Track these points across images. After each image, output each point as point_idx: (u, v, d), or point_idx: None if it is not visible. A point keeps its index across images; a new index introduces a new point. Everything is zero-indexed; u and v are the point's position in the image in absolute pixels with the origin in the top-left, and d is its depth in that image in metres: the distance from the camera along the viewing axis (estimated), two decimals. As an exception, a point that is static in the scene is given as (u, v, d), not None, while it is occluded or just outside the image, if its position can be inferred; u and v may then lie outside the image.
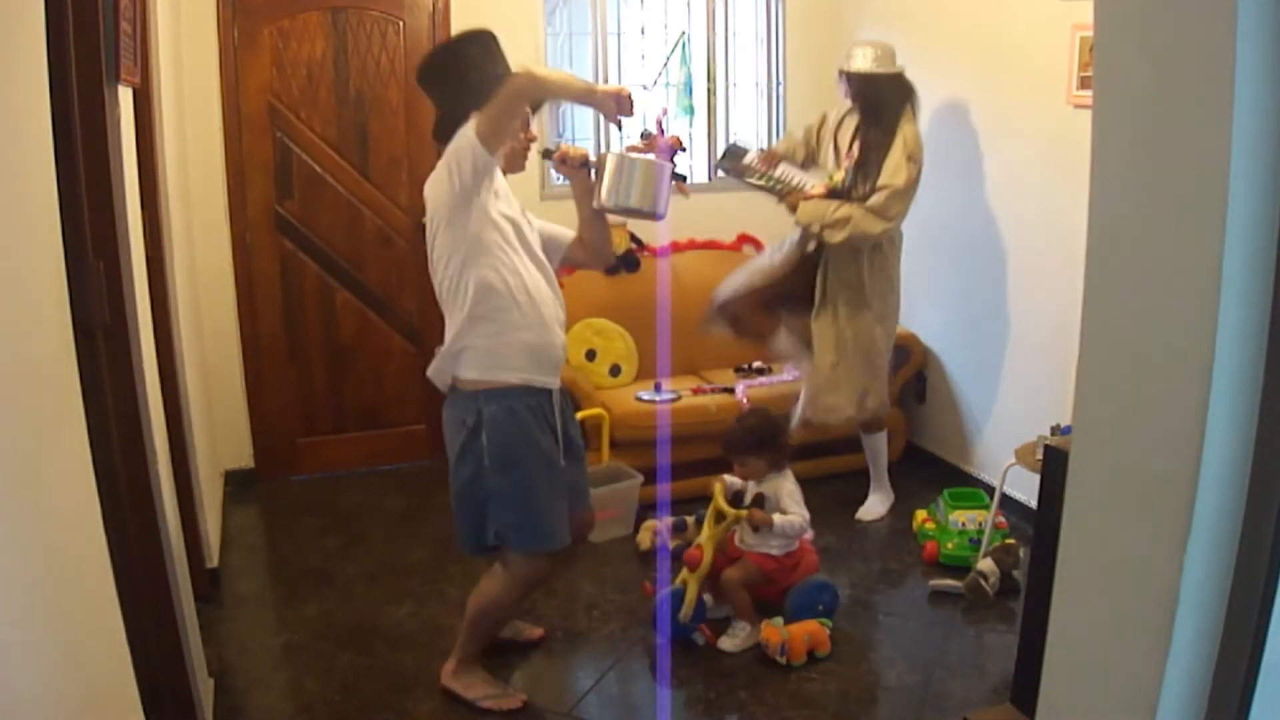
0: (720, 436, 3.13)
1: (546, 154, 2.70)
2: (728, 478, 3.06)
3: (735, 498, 3.01)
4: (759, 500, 2.96)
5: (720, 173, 3.85)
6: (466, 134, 2.37)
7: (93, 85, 1.67)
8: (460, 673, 2.71)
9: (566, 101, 2.63)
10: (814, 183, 3.62)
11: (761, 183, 3.69)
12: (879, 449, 3.88)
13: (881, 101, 3.47)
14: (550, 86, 2.55)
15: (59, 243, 1.57)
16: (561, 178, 2.96)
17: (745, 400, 3.94)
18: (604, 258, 2.81)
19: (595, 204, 2.57)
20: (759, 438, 3.00)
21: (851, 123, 3.61)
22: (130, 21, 2.10)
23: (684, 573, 2.95)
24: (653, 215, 2.56)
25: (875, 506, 3.87)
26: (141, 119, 2.65)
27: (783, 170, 3.68)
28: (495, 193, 2.49)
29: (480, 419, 2.48)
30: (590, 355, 4.09)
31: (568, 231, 2.73)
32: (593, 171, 2.58)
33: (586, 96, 2.53)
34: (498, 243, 2.47)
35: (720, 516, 2.93)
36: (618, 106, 2.48)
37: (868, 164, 3.49)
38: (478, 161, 2.37)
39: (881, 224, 3.43)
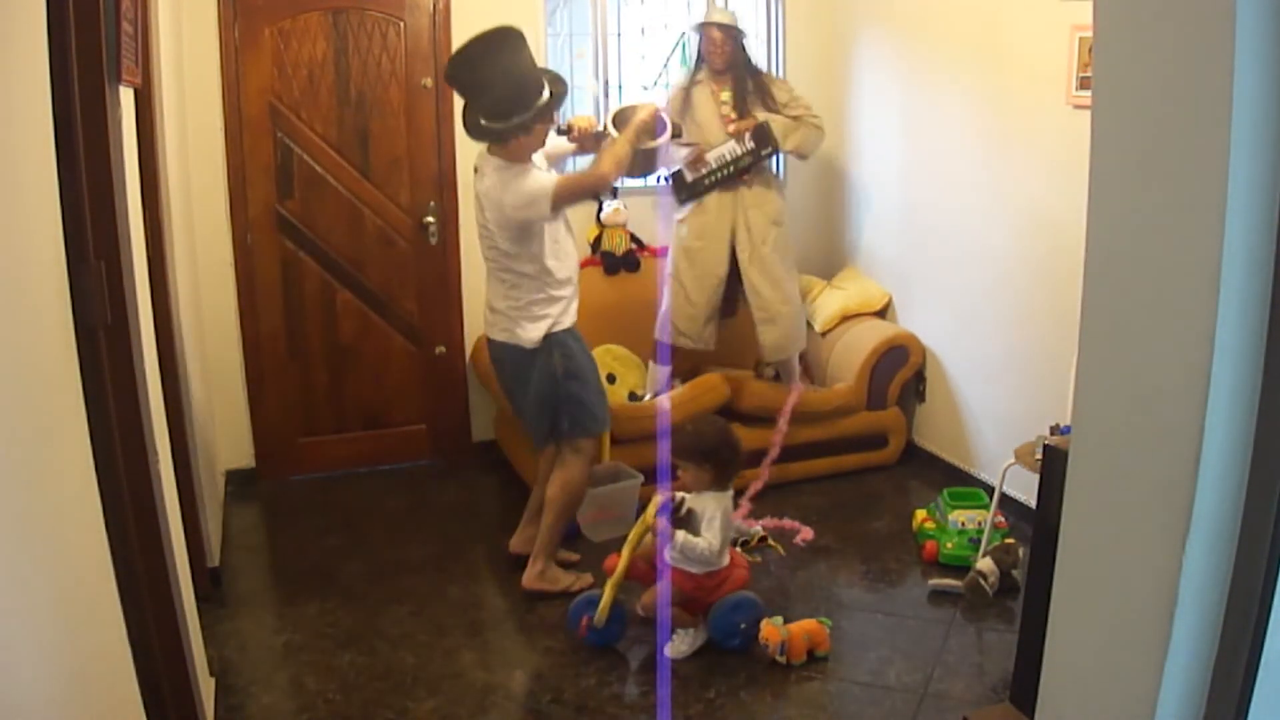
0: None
1: (561, 131, 3.21)
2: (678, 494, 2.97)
3: (675, 510, 2.91)
4: (687, 515, 2.87)
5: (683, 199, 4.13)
6: (545, 195, 2.96)
7: (94, 86, 1.67)
8: (546, 572, 3.25)
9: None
10: (730, 145, 3.98)
11: (716, 178, 3.99)
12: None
13: (744, 52, 4.02)
14: (624, 166, 3.10)
15: (60, 243, 1.57)
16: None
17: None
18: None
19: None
20: (709, 447, 2.89)
21: (705, 88, 4.02)
22: (131, 22, 2.10)
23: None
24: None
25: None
26: (143, 119, 2.65)
27: (716, 155, 3.98)
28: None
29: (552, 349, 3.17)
30: (610, 379, 4.15)
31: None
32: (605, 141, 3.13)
33: (640, 142, 3.14)
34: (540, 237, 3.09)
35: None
36: (659, 125, 3.18)
37: (749, 99, 4.00)
38: (545, 216, 3.01)
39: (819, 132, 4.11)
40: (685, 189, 4.01)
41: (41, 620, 1.35)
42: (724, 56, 3.93)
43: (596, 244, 4.42)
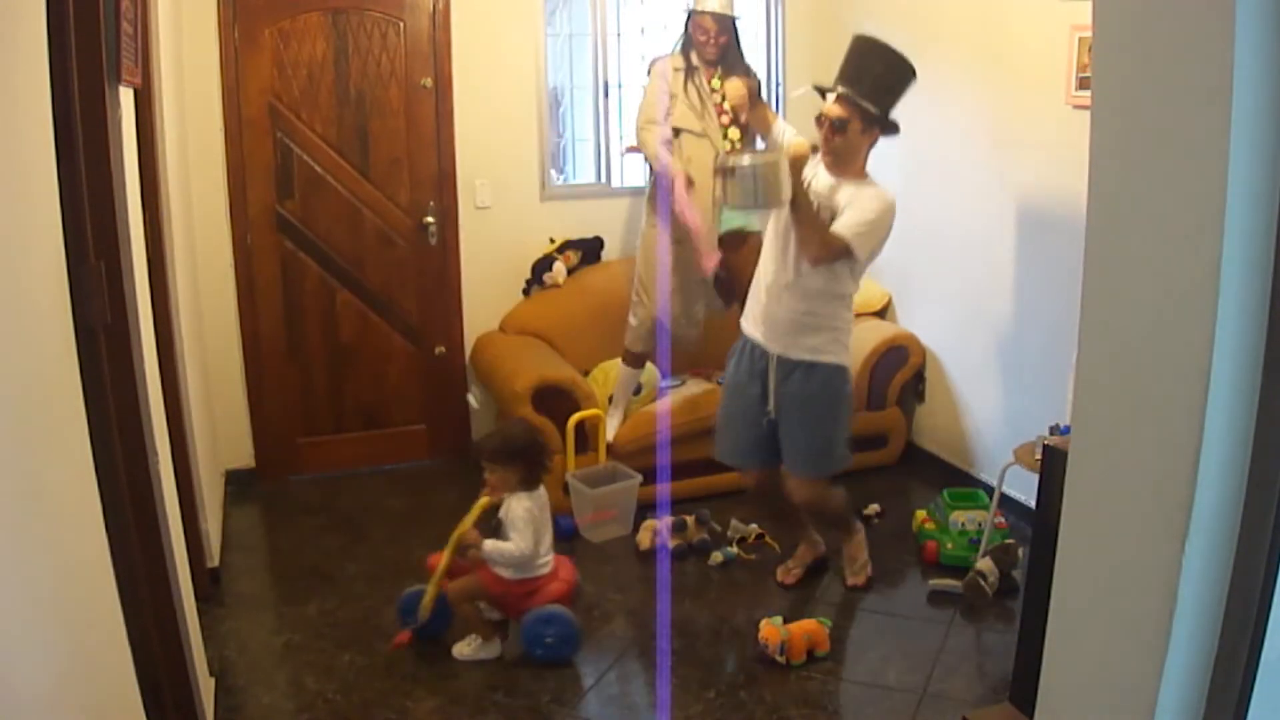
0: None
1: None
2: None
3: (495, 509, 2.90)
4: (496, 523, 2.84)
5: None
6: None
7: (94, 86, 1.67)
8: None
9: None
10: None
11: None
12: None
13: (737, 42, 3.70)
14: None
15: (60, 243, 1.57)
16: (560, 179, 3.23)
17: None
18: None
19: (725, 204, 2.97)
20: (516, 448, 2.85)
21: (702, 74, 3.71)
22: (131, 22, 2.10)
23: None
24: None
25: None
26: (143, 120, 2.65)
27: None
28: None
29: None
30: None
31: None
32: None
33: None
34: None
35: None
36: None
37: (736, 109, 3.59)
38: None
39: None
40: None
41: (41, 620, 1.35)
42: (717, 48, 3.66)
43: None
